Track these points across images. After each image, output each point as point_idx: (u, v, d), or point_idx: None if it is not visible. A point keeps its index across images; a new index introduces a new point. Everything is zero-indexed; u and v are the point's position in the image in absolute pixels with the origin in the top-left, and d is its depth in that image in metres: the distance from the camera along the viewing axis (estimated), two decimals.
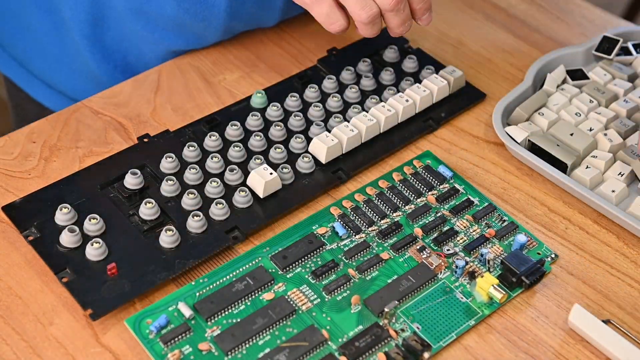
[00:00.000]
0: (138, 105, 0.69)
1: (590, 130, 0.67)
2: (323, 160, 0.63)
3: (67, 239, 0.56)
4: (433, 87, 0.69)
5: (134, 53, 0.75)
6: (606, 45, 0.74)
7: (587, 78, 0.72)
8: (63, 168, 0.63)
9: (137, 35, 0.73)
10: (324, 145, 0.63)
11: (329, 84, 0.70)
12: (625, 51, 0.74)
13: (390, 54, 0.73)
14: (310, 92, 0.69)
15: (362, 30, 0.61)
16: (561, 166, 0.64)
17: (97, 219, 0.57)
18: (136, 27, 0.71)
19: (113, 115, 0.67)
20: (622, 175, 0.63)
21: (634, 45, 0.75)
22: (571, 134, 0.66)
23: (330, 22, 0.60)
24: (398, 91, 0.70)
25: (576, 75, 0.72)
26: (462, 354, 0.54)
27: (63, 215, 0.58)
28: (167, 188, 0.60)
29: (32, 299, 0.55)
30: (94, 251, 0.55)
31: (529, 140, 0.66)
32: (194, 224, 0.58)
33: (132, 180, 0.60)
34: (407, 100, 0.67)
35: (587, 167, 0.64)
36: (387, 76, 0.71)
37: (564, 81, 0.72)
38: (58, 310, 0.54)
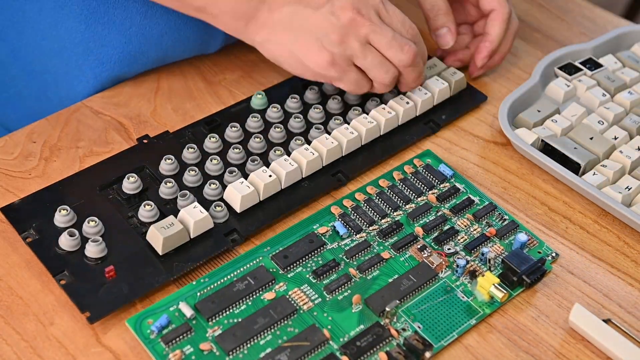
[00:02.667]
0: (138, 105, 0.69)
1: (615, 138, 0.67)
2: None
3: (66, 242, 0.56)
4: (434, 89, 0.69)
5: None
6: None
7: (601, 65, 0.72)
8: (63, 168, 0.63)
9: None
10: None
11: (329, 85, 0.70)
12: None
13: None
14: (311, 94, 0.69)
15: (381, 89, 0.65)
16: (572, 167, 0.64)
17: (95, 222, 0.57)
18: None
19: (113, 115, 0.67)
20: (629, 189, 0.63)
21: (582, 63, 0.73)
22: (591, 138, 0.66)
23: (359, 88, 0.65)
24: (399, 93, 0.69)
25: (587, 64, 0.72)
26: (462, 354, 0.54)
27: (62, 217, 0.57)
28: (166, 190, 0.60)
29: (32, 299, 0.54)
30: (94, 248, 0.55)
31: (542, 140, 0.66)
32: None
33: (129, 185, 0.60)
34: (407, 103, 0.67)
35: (594, 174, 0.64)
36: None
37: (582, 73, 0.72)
38: (58, 310, 0.54)
